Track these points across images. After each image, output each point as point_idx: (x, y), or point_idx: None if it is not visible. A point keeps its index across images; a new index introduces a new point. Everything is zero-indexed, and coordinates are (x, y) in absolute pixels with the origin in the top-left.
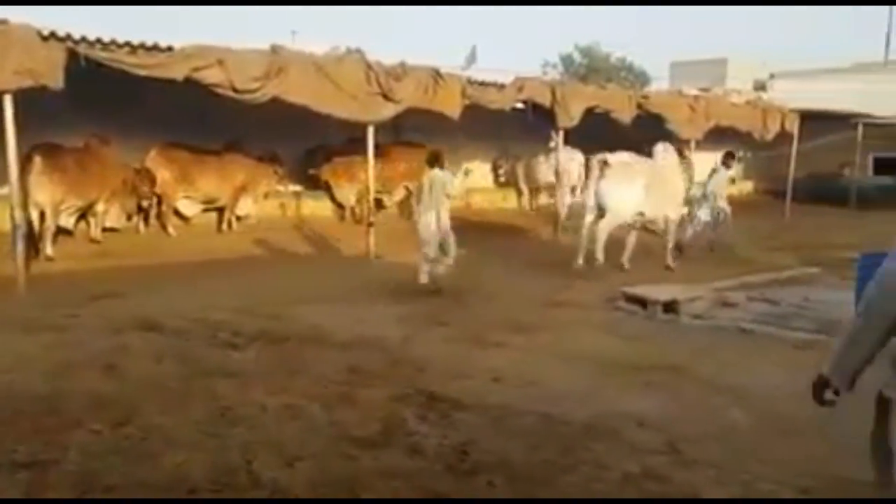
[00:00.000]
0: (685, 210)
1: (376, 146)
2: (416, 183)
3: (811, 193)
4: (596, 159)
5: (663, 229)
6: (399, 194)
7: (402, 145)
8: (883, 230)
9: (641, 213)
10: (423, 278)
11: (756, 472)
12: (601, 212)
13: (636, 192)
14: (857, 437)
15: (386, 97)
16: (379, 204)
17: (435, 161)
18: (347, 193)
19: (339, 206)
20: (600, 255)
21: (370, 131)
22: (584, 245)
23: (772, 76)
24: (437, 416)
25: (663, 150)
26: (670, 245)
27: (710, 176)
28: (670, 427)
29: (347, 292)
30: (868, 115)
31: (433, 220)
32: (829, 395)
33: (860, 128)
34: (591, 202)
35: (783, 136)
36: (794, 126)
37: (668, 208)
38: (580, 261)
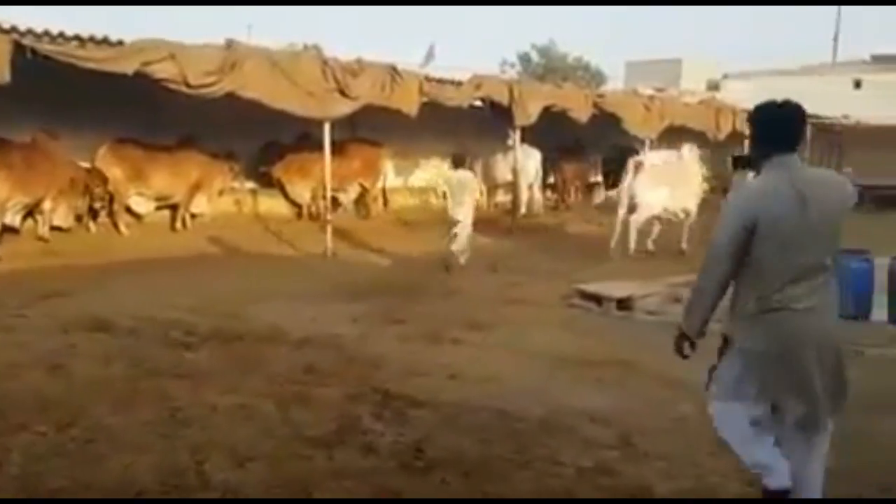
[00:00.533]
0: None
1: (332, 143)
2: (371, 180)
3: None
4: (632, 161)
5: (682, 219)
6: (354, 192)
7: (357, 142)
8: None
9: (666, 208)
10: (461, 259)
11: (706, 465)
12: (632, 206)
13: (663, 190)
14: None
15: (342, 94)
16: (334, 202)
17: (457, 163)
18: (300, 191)
19: (294, 203)
20: (633, 245)
21: (327, 128)
22: (619, 232)
23: (724, 76)
24: (393, 414)
25: (689, 151)
26: (686, 234)
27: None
28: (623, 421)
29: (303, 291)
30: (816, 116)
31: (459, 213)
32: (686, 349)
33: (808, 128)
34: (624, 198)
35: (735, 136)
36: (745, 126)
37: (688, 202)
38: (613, 244)
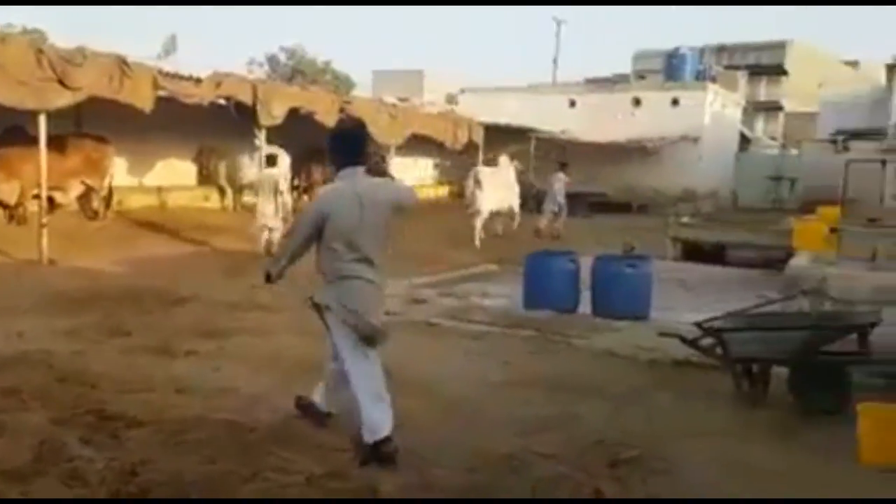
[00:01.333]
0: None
1: (49, 137)
2: (96, 179)
3: None
4: (472, 174)
5: (509, 216)
6: (76, 191)
7: (80, 137)
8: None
9: (498, 206)
10: (259, 247)
11: (428, 458)
12: (476, 209)
13: (493, 193)
14: (513, 414)
15: (62, 84)
16: (51, 202)
17: (269, 162)
18: (8, 191)
19: (1, 204)
20: (481, 236)
21: (42, 120)
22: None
23: (461, 91)
24: (106, 436)
25: (506, 162)
26: (515, 224)
27: (554, 182)
28: (356, 424)
29: (10, 302)
30: (539, 130)
31: (270, 207)
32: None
33: (533, 140)
34: (472, 202)
35: (471, 146)
36: (479, 137)
37: (512, 201)
38: (477, 242)
